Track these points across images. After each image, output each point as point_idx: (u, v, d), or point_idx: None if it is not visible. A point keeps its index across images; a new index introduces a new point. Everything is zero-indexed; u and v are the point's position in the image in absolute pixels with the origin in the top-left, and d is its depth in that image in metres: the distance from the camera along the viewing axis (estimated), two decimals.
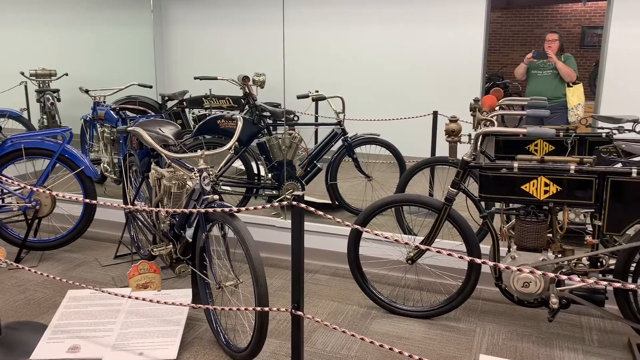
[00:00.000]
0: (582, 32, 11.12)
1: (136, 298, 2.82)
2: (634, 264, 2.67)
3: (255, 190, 4.74)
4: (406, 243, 2.33)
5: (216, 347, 2.83)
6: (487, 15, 6.29)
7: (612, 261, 2.76)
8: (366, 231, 2.42)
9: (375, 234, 2.32)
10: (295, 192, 2.14)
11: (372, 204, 3.10)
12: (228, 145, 2.83)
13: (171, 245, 3.17)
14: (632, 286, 1.95)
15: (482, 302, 3.34)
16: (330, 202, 4.85)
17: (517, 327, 3.06)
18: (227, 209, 2.51)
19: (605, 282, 2.01)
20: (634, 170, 2.57)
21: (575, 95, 5.40)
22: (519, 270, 2.12)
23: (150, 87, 6.31)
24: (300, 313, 2.24)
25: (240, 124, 3.00)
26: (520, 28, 11.62)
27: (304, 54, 6.88)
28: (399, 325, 3.08)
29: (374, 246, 3.32)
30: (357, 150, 4.80)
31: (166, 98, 6.37)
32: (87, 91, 5.33)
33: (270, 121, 4.84)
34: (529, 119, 5.35)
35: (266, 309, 2.34)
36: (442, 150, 3.47)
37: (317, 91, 4.97)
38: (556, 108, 5.40)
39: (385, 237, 2.33)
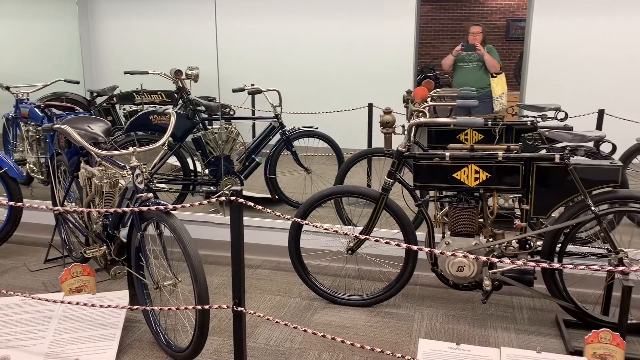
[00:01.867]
0: (507, 24, 11.60)
1: (69, 303, 2.71)
2: (559, 245, 2.83)
3: (191, 187, 4.65)
4: (345, 234, 2.37)
5: (156, 348, 2.77)
6: (418, 9, 6.45)
7: (540, 243, 2.91)
8: (306, 224, 2.44)
9: (316, 226, 2.33)
10: (234, 187, 2.11)
11: (311, 196, 3.12)
12: (161, 141, 2.76)
13: (105, 247, 3.06)
14: (558, 266, 2.07)
15: (420, 288, 3.44)
16: (270, 196, 4.83)
17: (454, 310, 3.18)
18: (162, 207, 2.45)
19: (533, 263, 2.12)
20: (557, 156, 2.71)
21: (499, 85, 5.64)
22: (453, 255, 2.20)
23: (78, 82, 6.03)
24: (241, 309, 2.23)
25: (173, 119, 2.93)
26: (449, 21, 11.98)
27: (239, 47, 6.80)
28: (341, 315, 3.12)
29: (314, 238, 3.34)
30: (296, 143, 4.81)
31: (95, 94, 6.12)
32: (7, 88, 5.03)
33: (205, 115, 4.76)
34: (458, 109, 5.54)
35: (207, 307, 2.31)
36: (378, 141, 3.53)
37: (252, 84, 4.92)
38: (482, 98, 5.63)
39: (326, 229, 2.36)
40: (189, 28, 6.96)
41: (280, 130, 4.69)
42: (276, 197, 4.77)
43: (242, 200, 2.12)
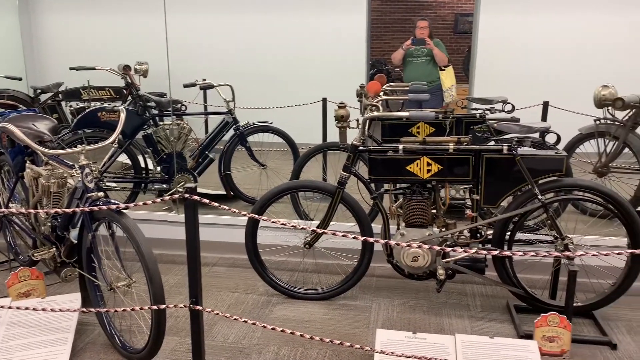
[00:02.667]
0: (455, 19, 11.86)
1: (17, 308, 2.61)
2: (509, 233, 2.93)
3: (143, 185, 4.55)
4: (302, 228, 2.38)
5: (111, 350, 2.70)
6: (369, 3, 6.51)
7: (490, 232, 3.00)
8: (263, 219, 2.43)
9: (272, 222, 2.33)
10: (188, 185, 2.08)
11: (268, 192, 3.11)
12: (110, 139, 2.69)
13: (54, 249, 2.96)
14: (507, 253, 2.14)
15: (377, 279, 3.49)
16: (225, 192, 4.78)
17: (410, 299, 3.24)
18: (113, 206, 2.39)
19: (484, 251, 2.19)
20: (505, 147, 2.80)
21: (448, 78, 5.78)
22: (408, 245, 2.25)
23: (20, 79, 5.80)
24: (198, 307, 2.20)
25: (123, 116, 2.85)
26: (399, 15, 12.13)
27: (190, 41, 6.68)
28: (300, 309, 3.13)
29: (271, 234, 3.33)
30: (250, 138, 4.77)
31: (39, 91, 5.88)
32: None
33: (156, 112, 4.66)
34: (409, 103, 5.65)
35: (163, 306, 2.27)
36: (333, 136, 3.55)
37: (204, 79, 4.85)
38: (432, 91, 5.75)
39: (282, 224, 2.36)
40: (137, 22, 6.78)
41: (234, 126, 4.65)
42: (231, 193, 4.73)
43: (196, 197, 2.09)
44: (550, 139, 3.04)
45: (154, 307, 2.29)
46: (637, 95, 4.04)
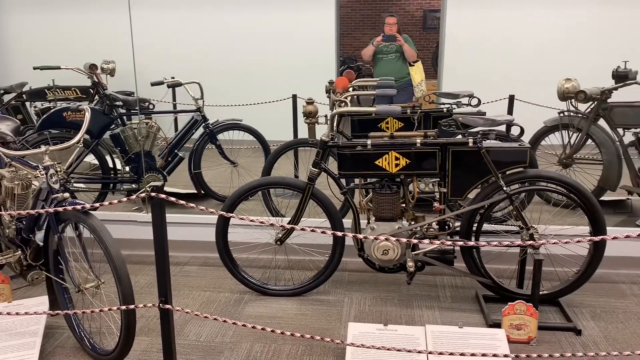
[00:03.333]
0: (424, 15, 11.98)
1: None
2: (476, 224, 2.98)
3: (112, 185, 4.48)
4: (271, 224, 2.38)
5: (81, 353, 2.67)
6: (337, 0, 6.53)
7: (458, 223, 3.06)
8: (232, 217, 2.43)
9: (242, 219, 2.33)
10: (153, 183, 2.07)
11: (237, 189, 3.10)
12: (75, 139, 2.64)
13: (20, 252, 2.90)
14: (472, 243, 2.19)
15: (349, 273, 3.52)
16: (195, 191, 4.75)
17: (381, 292, 3.28)
18: (79, 207, 2.36)
19: (449, 242, 2.23)
20: (470, 140, 2.85)
21: (417, 73, 5.84)
22: (376, 239, 2.27)
23: None
24: (168, 307, 2.19)
25: (88, 115, 2.81)
26: (369, 12, 12.19)
27: (158, 39, 6.60)
28: (272, 306, 3.14)
29: (242, 231, 3.33)
30: (220, 136, 4.74)
31: (2, 91, 5.74)
32: None
33: (123, 111, 4.59)
34: (380, 99, 5.69)
35: (132, 307, 2.25)
36: (304, 132, 3.56)
37: (173, 77, 4.80)
38: (403, 86, 5.81)
39: (252, 221, 2.36)
40: (102, 20, 6.66)
41: (204, 124, 4.62)
42: (202, 192, 4.69)
43: (163, 195, 2.08)
44: (515, 131, 3.10)
45: (123, 307, 2.27)
46: (599, 88, 4.15)
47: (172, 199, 2.12)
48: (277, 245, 3.18)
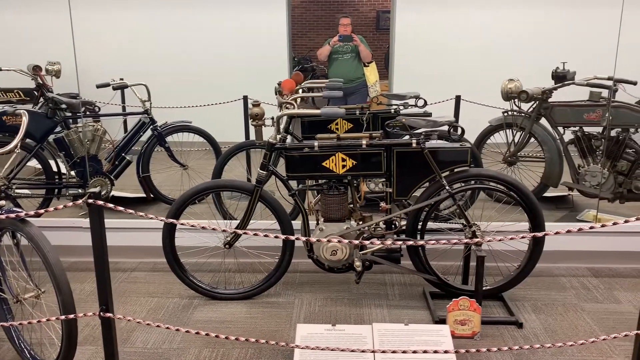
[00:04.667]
0: (377, 16, 12.12)
1: None
2: (421, 223, 3.04)
3: (57, 190, 4.35)
4: (213, 229, 2.36)
5: None
6: (288, 0, 6.52)
7: (404, 222, 3.11)
8: (171, 222, 2.40)
9: (182, 224, 2.30)
10: (91, 189, 2.02)
11: (183, 193, 3.07)
12: (12, 145, 2.54)
13: None
14: (421, 243, 2.23)
15: (300, 275, 3.53)
16: (145, 195, 4.66)
17: (331, 293, 3.30)
18: (12, 215, 2.28)
19: (398, 242, 2.27)
20: (414, 141, 2.91)
21: (372, 74, 5.91)
22: (318, 240, 2.29)
23: None
24: (109, 315, 2.14)
25: (25, 119, 2.70)
26: (322, 13, 12.24)
27: (105, 40, 6.44)
28: (222, 310, 3.11)
29: (190, 236, 3.29)
30: (169, 139, 4.68)
31: None
32: None
33: (69, 114, 4.46)
34: (331, 100, 5.73)
35: (71, 316, 2.20)
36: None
37: (122, 79, 4.70)
38: (358, 87, 5.87)
39: (192, 226, 2.33)
40: (46, 19, 6.44)
41: (152, 126, 4.54)
42: (151, 195, 4.61)
43: (100, 202, 2.03)
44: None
45: (63, 317, 2.21)
46: (540, 88, 4.30)
47: (110, 205, 2.08)
48: (226, 249, 3.16)
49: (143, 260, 3.74)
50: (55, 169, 4.37)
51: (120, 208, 2.12)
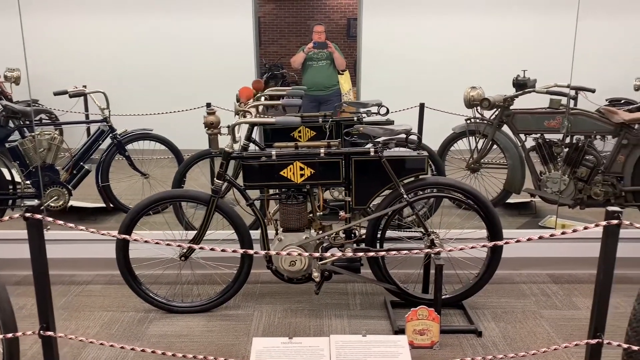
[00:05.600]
0: (348, 23, 12.16)
1: None
2: (380, 231, 3.02)
3: (11, 201, 4.21)
4: (168, 244, 2.30)
5: None
6: (254, 7, 6.47)
7: (364, 231, 3.08)
8: (125, 238, 2.32)
9: (135, 240, 2.23)
10: (29, 203, 1.94)
11: (136, 205, 2.98)
12: None
13: None
14: (383, 253, 2.19)
15: (261, 285, 3.47)
16: (104, 205, 4.55)
17: (292, 304, 3.25)
18: None
19: (350, 253, 2.23)
20: (372, 150, 2.89)
21: (346, 82, 5.91)
22: (277, 253, 2.24)
23: None
24: (50, 333, 2.05)
25: None
26: (293, 20, 12.23)
27: (68, 46, 6.29)
28: (178, 324, 3.03)
29: (145, 247, 3.19)
30: (130, 147, 4.58)
31: None
32: None
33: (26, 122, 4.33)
34: (306, 107, 5.69)
35: (9, 335, 2.10)
36: (221, 141, 3.48)
37: (84, 86, 4.58)
38: (332, 95, 5.85)
39: (146, 241, 2.26)
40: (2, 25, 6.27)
41: (111, 134, 4.43)
42: (111, 205, 4.50)
43: (38, 216, 1.95)
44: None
45: (0, 336, 2.11)
46: (502, 95, 4.34)
47: (50, 219, 1.99)
48: (182, 261, 3.08)
49: (99, 273, 3.63)
50: (9, 178, 4.23)
51: (60, 222, 2.03)
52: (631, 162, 3.93)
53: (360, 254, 2.46)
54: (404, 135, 2.88)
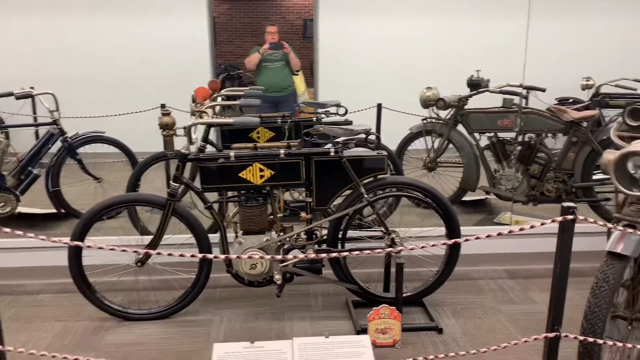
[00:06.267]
0: (304, 24, 12.14)
1: None
2: (341, 232, 3.01)
3: None
4: (123, 250, 2.22)
5: None
6: (209, 7, 6.37)
7: (325, 232, 3.07)
8: (78, 244, 2.23)
9: (88, 247, 2.14)
10: None
11: (88, 210, 2.88)
12: None
13: None
14: (345, 253, 2.18)
15: (220, 290, 3.41)
16: (55, 211, 4.37)
17: (253, 307, 3.20)
18: None
19: (312, 254, 2.21)
20: (332, 150, 2.88)
21: (301, 83, 5.89)
22: (238, 258, 2.20)
23: None
24: None
25: None
26: (249, 20, 12.12)
27: (15, 46, 6.03)
28: (135, 332, 2.94)
29: (99, 254, 3.08)
30: (82, 150, 4.42)
31: None
32: None
33: None
34: (262, 107, 5.63)
35: None
36: (177, 143, 3.40)
37: (32, 87, 4.39)
38: (288, 96, 5.82)
39: (100, 247, 2.18)
40: None
41: (61, 138, 4.27)
42: (62, 211, 4.33)
43: None
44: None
45: None
46: (457, 95, 4.42)
47: None
48: (138, 267, 2.99)
49: (50, 282, 3.49)
50: None
51: (7, 229, 1.93)
52: (581, 159, 4.07)
53: (323, 255, 2.44)
54: (363, 135, 2.88)
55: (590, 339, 1.95)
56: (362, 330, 2.87)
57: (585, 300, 2.03)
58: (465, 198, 4.66)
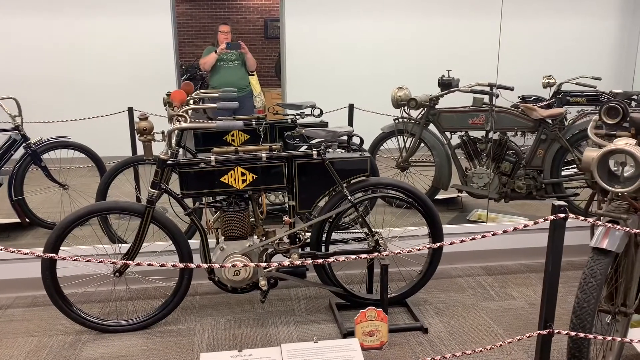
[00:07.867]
0: (265, 24, 12.05)
1: None
2: (325, 234, 2.99)
3: None
4: (100, 261, 2.13)
5: None
6: (173, 6, 6.23)
7: (309, 235, 3.04)
8: (52, 257, 2.13)
9: (63, 259, 2.05)
10: None
11: (62, 220, 2.75)
12: None
13: None
14: (331, 260, 2.15)
15: (200, 297, 3.33)
16: (19, 220, 4.18)
17: (235, 314, 3.14)
18: None
19: (307, 259, 2.17)
20: (314, 153, 2.85)
21: (257, 83, 5.83)
22: (221, 266, 2.15)
23: None
24: None
25: None
26: (209, 20, 11.94)
27: None
28: (115, 344, 2.84)
29: (74, 264, 2.97)
30: (46, 156, 4.24)
31: None
32: None
33: None
34: (220, 111, 5.55)
35: None
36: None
37: None
38: (246, 97, 5.74)
39: (76, 259, 2.09)
40: None
41: (24, 144, 4.08)
42: (27, 220, 4.15)
43: None
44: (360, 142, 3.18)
45: None
46: (428, 95, 4.46)
47: None
48: (116, 277, 2.89)
49: (20, 295, 3.33)
50: None
51: None
52: (550, 156, 4.19)
53: (309, 261, 2.42)
54: (346, 137, 2.87)
55: (582, 335, 2.00)
56: (349, 333, 2.86)
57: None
58: (438, 196, 4.72)
